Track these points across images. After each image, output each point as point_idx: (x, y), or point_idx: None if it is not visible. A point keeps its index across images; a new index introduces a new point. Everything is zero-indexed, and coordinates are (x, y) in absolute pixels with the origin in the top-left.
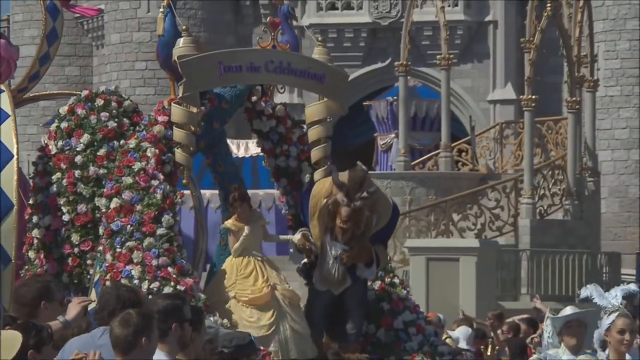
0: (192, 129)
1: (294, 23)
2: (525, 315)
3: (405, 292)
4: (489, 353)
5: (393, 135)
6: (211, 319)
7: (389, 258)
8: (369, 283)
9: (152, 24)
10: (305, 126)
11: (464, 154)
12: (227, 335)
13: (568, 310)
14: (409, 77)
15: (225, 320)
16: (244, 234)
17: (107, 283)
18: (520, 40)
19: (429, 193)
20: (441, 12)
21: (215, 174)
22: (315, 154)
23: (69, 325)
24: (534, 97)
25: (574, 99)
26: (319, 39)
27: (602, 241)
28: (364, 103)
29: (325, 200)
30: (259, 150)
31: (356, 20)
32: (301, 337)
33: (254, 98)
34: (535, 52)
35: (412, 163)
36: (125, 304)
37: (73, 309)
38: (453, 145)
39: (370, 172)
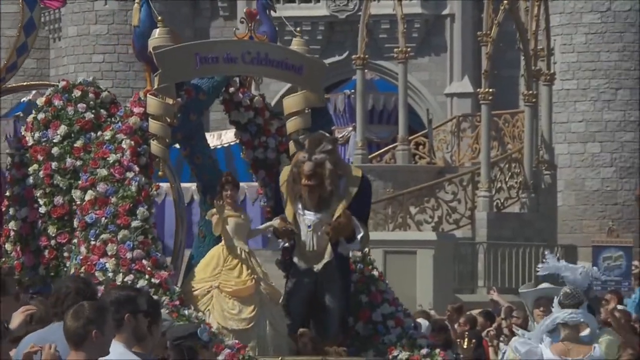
0: (168, 120)
1: (272, 14)
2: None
3: (384, 284)
4: (465, 346)
5: (350, 128)
6: (185, 312)
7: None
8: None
9: (109, 16)
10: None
11: (421, 147)
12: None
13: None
14: (366, 70)
15: (200, 314)
16: (241, 217)
17: (82, 276)
18: (477, 33)
19: (387, 186)
20: (398, 6)
21: (193, 166)
22: (291, 124)
23: (12, 334)
24: (491, 90)
25: (530, 92)
26: (297, 30)
27: (558, 234)
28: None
29: (290, 169)
30: (232, 139)
31: (314, 13)
32: (279, 334)
33: (231, 89)
34: (492, 46)
35: (370, 156)
36: (82, 297)
37: (16, 318)
38: (410, 138)
39: None
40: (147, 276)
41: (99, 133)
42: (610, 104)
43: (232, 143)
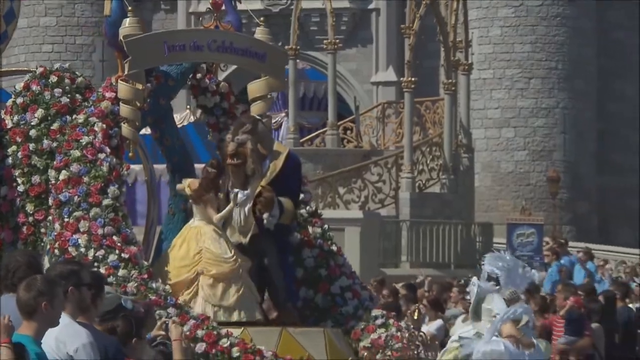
0: (138, 104)
1: (238, 5)
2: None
3: (342, 259)
4: (415, 317)
5: (283, 114)
6: (153, 285)
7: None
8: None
9: (57, 9)
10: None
11: (349, 132)
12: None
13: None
14: (298, 61)
15: (167, 287)
16: (231, 205)
17: (56, 251)
18: (400, 26)
19: (317, 168)
20: (328, 0)
21: (163, 148)
22: (255, 108)
23: None
24: (413, 79)
25: (450, 81)
26: (261, 19)
27: (475, 212)
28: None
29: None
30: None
31: (249, 7)
32: (251, 301)
33: (198, 75)
34: (415, 38)
35: (301, 140)
36: (32, 271)
37: None
38: (339, 123)
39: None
40: (117, 251)
41: (74, 116)
42: (524, 92)
43: (185, 124)
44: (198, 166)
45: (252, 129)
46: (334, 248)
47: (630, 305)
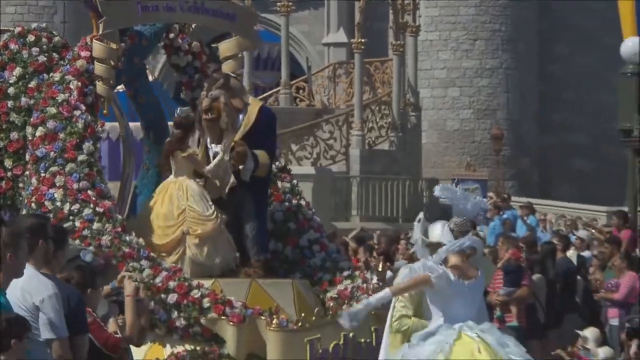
0: (112, 63)
1: None
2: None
3: (310, 213)
4: (379, 269)
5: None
6: (127, 238)
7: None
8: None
9: None
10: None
11: (301, 91)
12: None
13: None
14: None
15: (141, 240)
16: (221, 155)
17: (33, 205)
18: None
19: None
20: None
21: (137, 106)
22: (227, 67)
23: None
24: (363, 41)
25: (398, 42)
26: None
27: (423, 169)
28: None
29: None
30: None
31: None
32: (230, 253)
33: (171, 35)
34: (365, 1)
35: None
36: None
37: None
38: (292, 83)
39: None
40: (91, 205)
41: (50, 75)
42: (469, 53)
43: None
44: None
45: (224, 84)
46: (303, 202)
47: (570, 257)
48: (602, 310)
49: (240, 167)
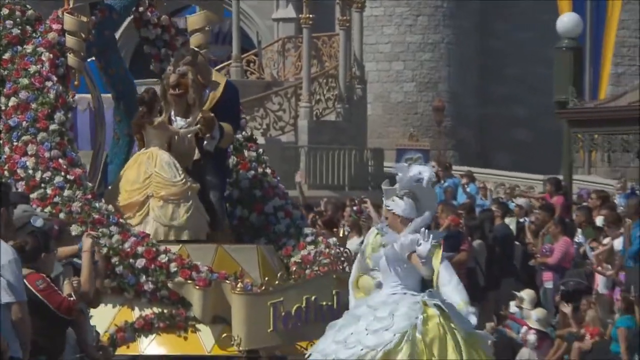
0: (83, 36)
1: None
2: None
3: (275, 180)
4: (340, 235)
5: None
6: (97, 204)
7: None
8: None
9: None
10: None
11: (252, 64)
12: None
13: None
14: None
15: (110, 207)
16: (193, 128)
17: (6, 173)
18: None
19: None
20: None
21: (107, 77)
22: (194, 40)
23: None
24: (311, 16)
25: (344, 17)
26: None
27: (368, 139)
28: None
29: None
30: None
31: None
32: (201, 221)
33: (141, 9)
34: None
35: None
36: None
37: None
38: (243, 56)
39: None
40: (62, 173)
41: (24, 47)
42: (412, 28)
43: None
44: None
45: (192, 60)
46: (268, 171)
47: (509, 223)
48: (537, 274)
49: (207, 135)
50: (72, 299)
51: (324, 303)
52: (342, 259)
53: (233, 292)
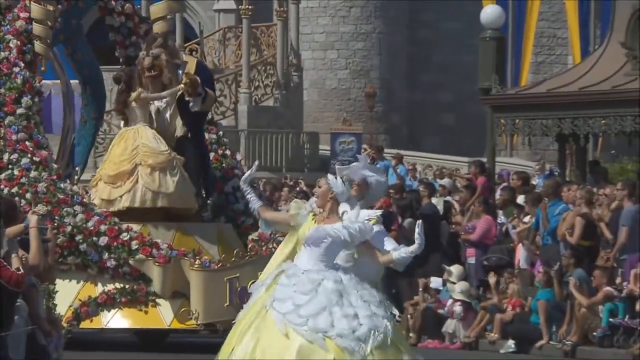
0: (50, 24)
1: None
2: None
3: (234, 162)
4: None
5: None
6: (61, 185)
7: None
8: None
9: None
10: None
11: (194, 52)
12: None
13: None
14: None
15: (75, 187)
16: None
17: None
18: None
19: None
20: None
21: (74, 63)
22: (157, 27)
23: None
24: (250, 7)
25: (282, 9)
26: None
27: (304, 123)
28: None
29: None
30: None
31: None
32: (189, 190)
33: None
34: None
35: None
36: None
37: None
38: (186, 45)
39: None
40: (29, 155)
41: None
42: (345, 19)
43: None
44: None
45: (163, 43)
46: (228, 152)
47: (435, 202)
48: (462, 250)
49: (193, 95)
50: (20, 272)
51: None
52: None
53: (191, 268)
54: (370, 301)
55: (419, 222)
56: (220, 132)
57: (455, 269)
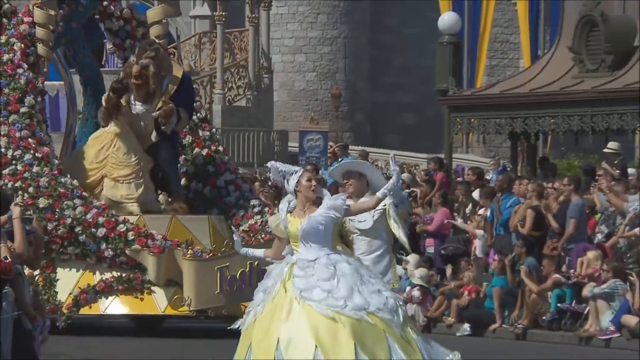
0: (52, 28)
1: None
2: None
3: (226, 157)
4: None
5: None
6: (62, 180)
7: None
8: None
9: None
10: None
11: (171, 56)
12: None
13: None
14: None
15: (75, 181)
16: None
17: None
18: None
19: None
20: None
21: (76, 64)
22: (153, 31)
23: None
24: (224, 14)
25: (253, 15)
26: None
27: (274, 122)
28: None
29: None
30: None
31: None
32: (151, 195)
33: (105, 2)
34: None
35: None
36: None
37: None
38: None
39: (101, 68)
40: (32, 151)
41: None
42: (313, 25)
43: None
44: None
45: (154, 55)
46: (220, 148)
47: None
48: (422, 240)
49: (167, 123)
50: (8, 260)
51: (266, 267)
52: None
53: (184, 258)
54: (378, 277)
55: (392, 155)
56: (214, 129)
57: (412, 257)
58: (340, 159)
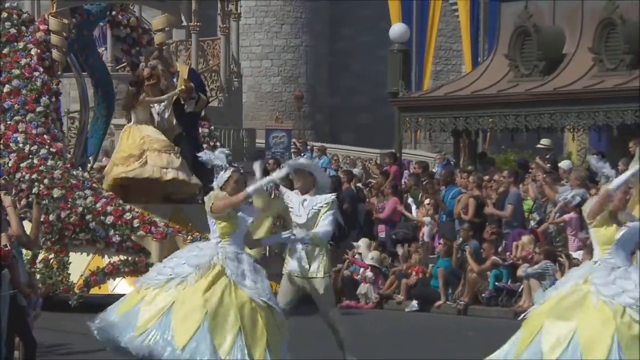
0: (65, 35)
1: None
2: None
3: None
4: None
5: (103, 48)
6: (74, 172)
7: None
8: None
9: None
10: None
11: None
12: None
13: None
14: None
15: (85, 174)
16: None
17: (1, 146)
18: None
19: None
20: None
21: (87, 68)
22: (157, 38)
23: None
24: (198, 24)
25: (225, 25)
26: None
27: (243, 121)
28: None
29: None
30: None
31: None
32: (187, 171)
33: (113, 12)
34: None
35: (117, 67)
36: None
37: None
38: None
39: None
40: (46, 147)
41: (17, 43)
42: (278, 35)
43: None
44: None
45: (159, 55)
46: (218, 144)
47: (353, 187)
48: (375, 226)
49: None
50: (7, 248)
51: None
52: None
53: (184, 243)
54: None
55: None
56: (212, 127)
57: (362, 242)
58: (302, 154)
